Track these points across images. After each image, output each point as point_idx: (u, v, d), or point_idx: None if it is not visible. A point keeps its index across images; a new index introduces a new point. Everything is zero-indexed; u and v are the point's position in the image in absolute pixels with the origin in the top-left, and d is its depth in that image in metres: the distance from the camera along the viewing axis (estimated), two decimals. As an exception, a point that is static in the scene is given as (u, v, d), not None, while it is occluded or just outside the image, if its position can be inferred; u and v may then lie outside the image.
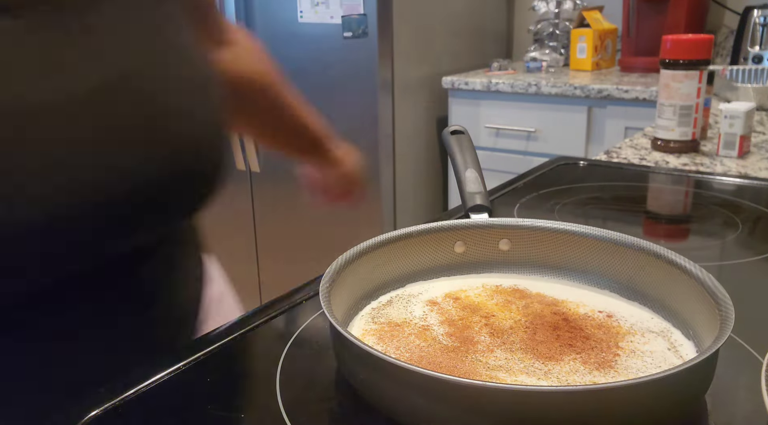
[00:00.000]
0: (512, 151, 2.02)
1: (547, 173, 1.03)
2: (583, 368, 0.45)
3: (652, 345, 0.48)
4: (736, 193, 0.94)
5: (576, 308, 0.54)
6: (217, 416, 0.44)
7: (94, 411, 0.44)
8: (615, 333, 0.50)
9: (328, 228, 2.12)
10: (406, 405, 0.41)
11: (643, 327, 0.51)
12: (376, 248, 0.56)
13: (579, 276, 0.58)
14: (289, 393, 0.46)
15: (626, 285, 0.56)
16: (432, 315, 0.53)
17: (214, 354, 0.51)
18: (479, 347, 0.48)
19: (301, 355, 0.51)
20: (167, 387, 0.47)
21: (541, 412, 0.37)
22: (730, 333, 0.41)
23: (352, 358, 0.44)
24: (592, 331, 0.50)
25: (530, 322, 0.51)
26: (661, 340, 0.49)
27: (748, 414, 0.44)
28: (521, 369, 0.45)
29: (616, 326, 0.51)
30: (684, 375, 0.38)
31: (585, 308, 0.54)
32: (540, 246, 0.60)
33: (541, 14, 2.27)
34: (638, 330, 0.51)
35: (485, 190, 0.64)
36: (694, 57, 1.13)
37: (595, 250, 0.57)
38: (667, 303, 0.52)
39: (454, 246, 0.60)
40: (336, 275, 0.50)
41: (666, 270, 0.52)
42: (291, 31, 1.99)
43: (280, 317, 0.57)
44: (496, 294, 0.56)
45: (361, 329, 0.52)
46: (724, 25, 2.16)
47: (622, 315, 0.53)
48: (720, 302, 0.45)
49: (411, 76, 2.01)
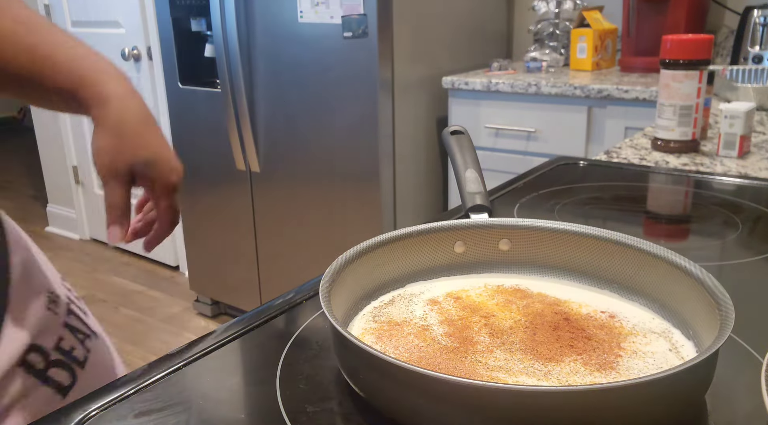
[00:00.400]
0: (512, 151, 2.02)
1: (547, 173, 1.03)
2: (584, 369, 0.45)
3: (654, 346, 0.48)
4: (736, 193, 0.94)
5: (578, 308, 0.54)
6: (217, 416, 0.44)
7: (94, 411, 0.44)
8: (617, 333, 0.50)
9: (327, 228, 2.12)
10: (405, 405, 0.41)
11: (645, 327, 0.51)
12: (376, 248, 0.56)
13: (579, 276, 0.58)
14: (289, 393, 0.46)
15: (626, 285, 0.56)
16: (432, 314, 0.53)
17: (215, 354, 0.51)
18: (479, 347, 0.48)
19: (301, 355, 0.51)
20: (167, 387, 0.47)
21: (542, 412, 0.37)
22: (730, 333, 0.41)
23: (351, 358, 0.44)
24: (594, 332, 0.50)
25: (530, 322, 0.51)
26: (663, 341, 0.49)
27: (748, 414, 0.44)
28: (521, 369, 0.45)
29: (618, 326, 0.51)
30: (684, 376, 0.38)
31: (587, 308, 0.54)
32: (540, 247, 0.60)
33: (541, 14, 2.27)
34: (640, 330, 0.50)
35: (485, 190, 0.64)
36: (694, 57, 1.13)
37: (595, 250, 0.57)
38: (667, 303, 0.52)
39: (454, 246, 0.60)
40: (336, 275, 0.50)
41: (666, 270, 0.52)
42: (291, 31, 1.99)
43: (280, 317, 0.57)
44: (497, 294, 0.56)
45: (360, 328, 0.52)
46: (724, 25, 2.16)
47: (624, 315, 0.53)
48: (720, 302, 0.45)
49: (411, 76, 2.01)
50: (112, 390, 0.46)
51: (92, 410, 0.44)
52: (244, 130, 2.16)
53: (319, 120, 2.03)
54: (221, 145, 2.25)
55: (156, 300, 2.82)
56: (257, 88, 2.12)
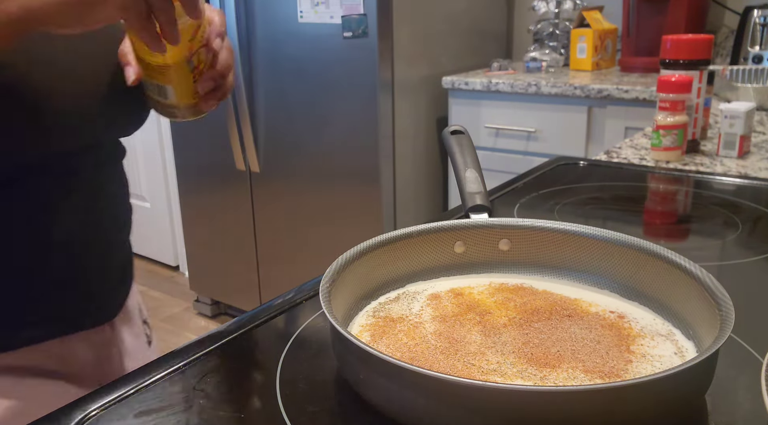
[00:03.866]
0: (512, 151, 2.02)
1: (547, 173, 1.03)
2: (584, 375, 0.45)
3: (661, 349, 0.48)
4: (736, 193, 0.94)
5: (588, 307, 0.54)
6: (217, 416, 0.44)
7: (94, 411, 0.44)
8: (626, 335, 0.49)
9: (327, 228, 2.12)
10: (401, 404, 0.41)
11: (653, 330, 0.51)
12: (376, 248, 0.56)
13: (578, 276, 0.58)
14: (289, 393, 0.46)
15: (626, 285, 0.56)
16: (428, 310, 0.53)
17: (215, 354, 0.51)
18: (470, 348, 0.48)
19: (301, 355, 0.51)
20: (167, 387, 0.47)
21: (542, 413, 0.37)
22: (730, 333, 0.41)
23: (348, 356, 0.44)
24: (602, 332, 0.49)
25: (525, 320, 0.51)
26: (669, 344, 0.49)
27: (748, 414, 0.44)
28: (515, 373, 0.45)
29: (627, 327, 0.51)
30: (684, 376, 0.38)
31: (597, 307, 0.54)
32: (540, 246, 0.60)
33: (541, 14, 2.26)
34: (648, 333, 0.50)
35: (485, 190, 0.64)
36: (694, 57, 1.13)
37: (595, 250, 0.57)
38: (666, 303, 0.52)
39: (454, 246, 0.60)
40: (336, 275, 0.50)
41: (666, 271, 0.52)
42: (291, 31, 1.99)
43: (280, 317, 0.57)
44: (498, 292, 0.56)
45: (359, 325, 0.52)
46: (724, 25, 2.16)
47: (633, 316, 0.53)
48: (720, 302, 0.45)
49: (411, 76, 2.01)
50: (112, 390, 0.46)
51: (92, 410, 0.44)
52: (244, 130, 2.16)
53: (319, 120, 2.03)
54: (221, 145, 2.25)
55: (156, 300, 2.82)
56: (257, 88, 2.12)
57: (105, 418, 0.44)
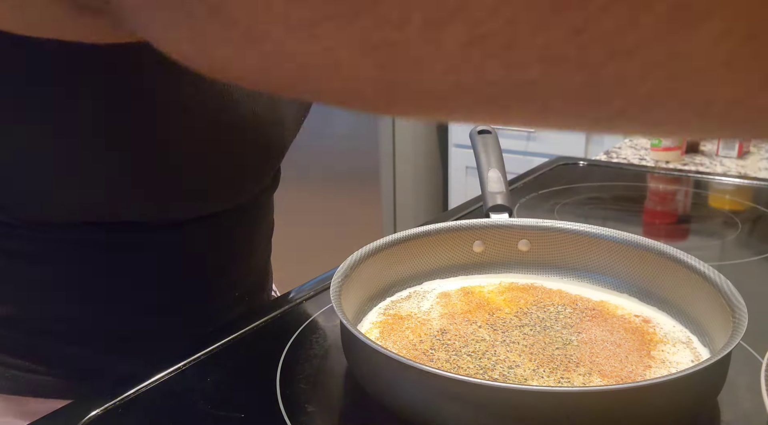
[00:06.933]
0: (512, 151, 2.02)
1: (547, 173, 1.03)
2: (600, 380, 0.45)
3: (680, 356, 0.47)
4: (736, 193, 0.94)
5: (614, 310, 0.53)
6: (217, 416, 0.44)
7: (94, 411, 0.44)
8: (649, 340, 0.49)
9: (327, 228, 2.12)
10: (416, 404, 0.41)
11: (674, 336, 0.50)
12: (393, 245, 0.56)
13: (597, 278, 0.58)
14: (289, 393, 0.46)
15: (645, 289, 0.55)
16: (437, 308, 0.53)
17: (215, 354, 0.51)
18: (479, 346, 0.48)
19: (302, 355, 0.51)
20: (167, 387, 0.47)
21: (553, 413, 0.37)
22: (730, 333, 0.41)
23: (355, 352, 0.45)
24: (625, 336, 0.49)
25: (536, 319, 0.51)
26: (688, 351, 0.48)
27: (748, 414, 0.44)
28: (528, 374, 0.45)
29: (651, 332, 0.50)
30: (695, 378, 0.38)
31: (623, 310, 0.53)
32: (559, 248, 0.59)
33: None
34: (670, 339, 0.49)
35: (507, 190, 0.64)
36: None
37: (615, 253, 0.57)
38: (683, 308, 0.52)
39: (473, 245, 0.60)
40: (350, 270, 0.50)
41: (685, 275, 0.51)
42: (291, 31, 1.99)
43: (280, 317, 0.57)
44: (507, 291, 0.56)
45: (370, 322, 0.52)
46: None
47: (657, 321, 0.52)
48: (735, 309, 0.44)
49: (411, 76, 2.01)
50: (112, 391, 0.46)
51: (92, 410, 0.44)
52: (243, 130, 2.16)
53: (319, 120, 2.03)
54: (221, 145, 2.25)
55: (156, 300, 2.82)
56: (257, 88, 2.12)
57: (105, 418, 0.44)
